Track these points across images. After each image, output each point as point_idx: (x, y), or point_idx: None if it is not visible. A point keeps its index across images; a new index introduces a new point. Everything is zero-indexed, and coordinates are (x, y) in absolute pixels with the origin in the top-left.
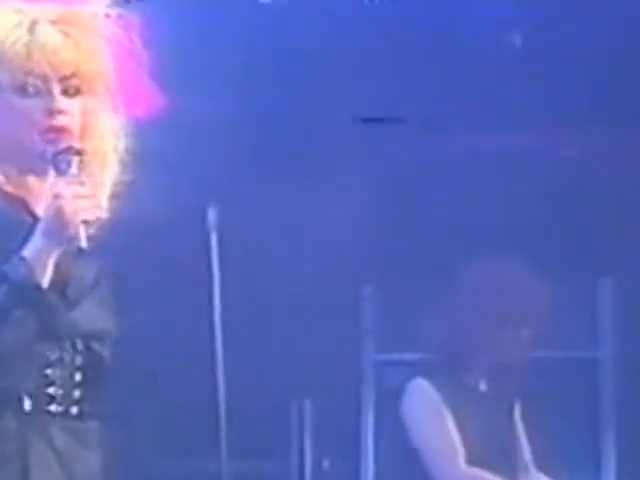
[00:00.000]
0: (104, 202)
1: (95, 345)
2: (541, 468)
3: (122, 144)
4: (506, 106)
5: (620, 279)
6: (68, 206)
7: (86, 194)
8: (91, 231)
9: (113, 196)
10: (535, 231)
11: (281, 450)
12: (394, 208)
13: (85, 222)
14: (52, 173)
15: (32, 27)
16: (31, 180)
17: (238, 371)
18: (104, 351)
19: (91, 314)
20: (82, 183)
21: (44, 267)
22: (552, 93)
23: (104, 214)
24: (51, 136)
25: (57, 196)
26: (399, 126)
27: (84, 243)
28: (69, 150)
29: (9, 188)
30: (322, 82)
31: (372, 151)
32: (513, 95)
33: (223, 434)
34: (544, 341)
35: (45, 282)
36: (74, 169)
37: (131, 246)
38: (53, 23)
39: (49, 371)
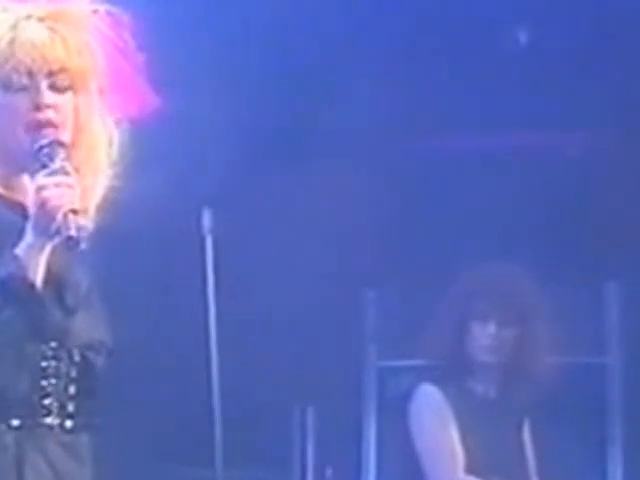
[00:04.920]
0: (93, 205)
1: (90, 355)
2: (545, 477)
3: (115, 145)
4: (511, 106)
5: (627, 284)
6: (52, 196)
7: (70, 183)
8: (83, 222)
9: (107, 199)
10: (541, 235)
11: (283, 458)
12: (396, 212)
13: (73, 212)
14: (37, 167)
15: (18, 25)
16: (26, 182)
17: (238, 377)
18: (98, 361)
19: (87, 323)
20: (67, 173)
21: (36, 264)
22: (558, 92)
23: (91, 215)
24: (36, 130)
25: (40, 188)
26: (405, 127)
27: (74, 232)
28: (52, 143)
29: (6, 193)
30: (322, 83)
31: (374, 153)
32: (518, 94)
33: (220, 442)
34: (554, 348)
35: (38, 280)
36: (58, 162)
37: (126, 250)
38: (40, 20)
39: (45, 382)
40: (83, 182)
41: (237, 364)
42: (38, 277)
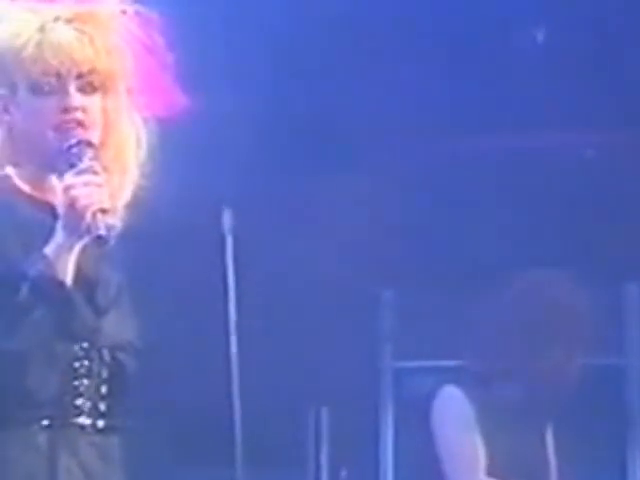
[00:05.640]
0: (121, 205)
1: (120, 355)
2: (565, 479)
3: (143, 145)
4: (528, 106)
5: None
6: (81, 195)
7: (99, 182)
8: (112, 222)
9: (134, 198)
10: (559, 236)
11: (298, 459)
12: (413, 212)
13: (103, 211)
14: (65, 167)
15: (46, 26)
16: (55, 182)
17: (254, 378)
18: (128, 361)
19: (117, 322)
20: (95, 173)
21: (65, 263)
22: (575, 92)
23: (120, 215)
24: (65, 131)
25: (69, 187)
26: (421, 128)
27: (103, 231)
28: (81, 143)
29: (35, 193)
30: (342, 84)
31: (393, 153)
32: (534, 93)
33: (239, 443)
34: (583, 351)
35: (68, 280)
36: (86, 161)
37: (146, 249)
38: (68, 22)
39: (76, 383)
40: (111, 182)
41: (255, 364)
42: (68, 276)
